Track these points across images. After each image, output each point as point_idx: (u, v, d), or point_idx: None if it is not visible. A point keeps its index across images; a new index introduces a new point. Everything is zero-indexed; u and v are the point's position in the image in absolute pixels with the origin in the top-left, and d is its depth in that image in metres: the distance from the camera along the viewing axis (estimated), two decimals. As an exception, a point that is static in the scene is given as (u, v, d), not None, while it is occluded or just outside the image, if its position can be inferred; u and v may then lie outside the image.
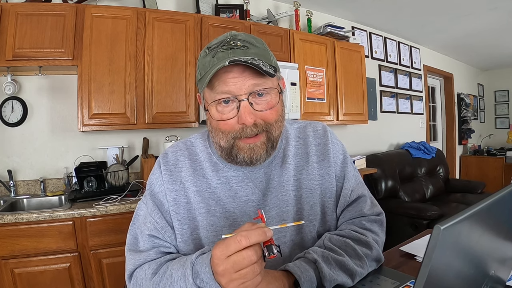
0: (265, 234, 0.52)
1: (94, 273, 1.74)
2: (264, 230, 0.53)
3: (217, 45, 0.69)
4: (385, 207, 0.91)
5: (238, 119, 0.67)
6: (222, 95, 0.66)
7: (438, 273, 0.37)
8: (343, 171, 0.82)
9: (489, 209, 0.44)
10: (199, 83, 0.72)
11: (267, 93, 0.68)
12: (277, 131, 0.72)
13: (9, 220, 1.57)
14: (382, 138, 4.07)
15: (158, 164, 0.79)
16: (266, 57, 0.69)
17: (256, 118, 0.67)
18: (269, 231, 0.53)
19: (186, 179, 0.76)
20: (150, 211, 0.75)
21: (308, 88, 2.81)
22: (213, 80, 0.67)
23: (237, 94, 0.66)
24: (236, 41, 0.68)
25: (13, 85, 2.02)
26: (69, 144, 2.22)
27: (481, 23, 3.76)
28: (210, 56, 0.68)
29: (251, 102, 0.67)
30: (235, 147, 0.70)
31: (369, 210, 0.81)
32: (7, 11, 1.84)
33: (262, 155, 0.71)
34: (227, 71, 0.66)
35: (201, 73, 0.70)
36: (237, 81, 0.66)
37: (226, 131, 0.69)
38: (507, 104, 6.10)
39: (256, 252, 0.52)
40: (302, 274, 0.62)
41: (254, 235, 0.52)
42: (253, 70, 0.66)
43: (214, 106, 0.68)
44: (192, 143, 0.81)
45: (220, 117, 0.68)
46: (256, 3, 2.93)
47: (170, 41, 2.21)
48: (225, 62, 0.63)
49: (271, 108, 0.69)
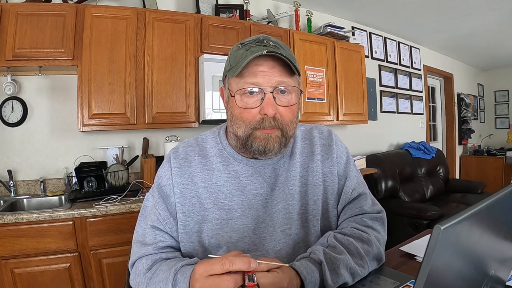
0: (249, 263, 0.55)
1: (94, 273, 1.74)
2: (249, 260, 0.56)
3: (251, 41, 0.75)
4: (385, 207, 0.91)
5: (260, 110, 0.72)
6: (250, 85, 0.72)
7: (438, 273, 0.37)
8: (346, 171, 0.86)
9: (489, 209, 0.44)
10: (228, 72, 0.76)
11: (289, 92, 0.74)
12: (291, 131, 0.76)
13: (9, 220, 1.57)
14: (382, 138, 4.07)
15: (168, 158, 0.83)
16: (293, 59, 0.74)
17: (276, 112, 0.72)
18: (254, 262, 0.56)
19: (195, 174, 0.79)
20: (155, 203, 0.79)
21: (308, 88, 2.81)
22: (244, 71, 0.72)
23: (263, 86, 0.71)
24: (269, 41, 0.74)
25: (13, 85, 2.02)
26: (69, 144, 2.22)
27: (481, 23, 3.76)
28: (244, 49, 0.73)
29: (274, 96, 0.72)
30: (252, 136, 0.74)
31: (370, 208, 0.84)
32: (7, 11, 1.84)
33: (275, 147, 0.74)
34: (258, 64, 0.72)
35: (231, 64, 0.75)
36: (265, 74, 0.71)
37: (247, 120, 0.73)
38: (507, 104, 6.09)
39: (235, 280, 0.55)
40: (308, 275, 0.64)
41: (238, 262, 0.55)
42: (281, 68, 0.72)
43: (240, 95, 0.73)
44: (203, 140, 0.85)
45: (244, 105, 0.73)
46: (256, 3, 2.93)
47: (170, 41, 2.21)
48: (263, 51, 0.69)
49: (291, 105, 0.74)
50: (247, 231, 0.77)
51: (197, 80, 2.28)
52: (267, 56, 0.71)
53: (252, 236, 0.77)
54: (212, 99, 2.20)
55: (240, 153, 0.80)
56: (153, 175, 2.17)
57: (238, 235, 0.76)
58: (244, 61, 0.70)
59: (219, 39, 2.38)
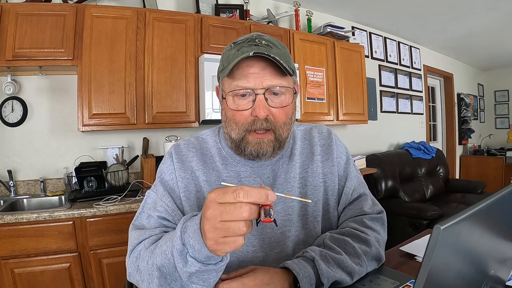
0: (266, 196, 0.47)
1: (94, 273, 1.74)
2: (267, 192, 0.48)
3: (243, 41, 0.73)
4: (385, 207, 0.91)
5: (252, 112, 0.71)
6: (241, 87, 0.70)
7: (438, 273, 0.37)
8: (346, 171, 0.86)
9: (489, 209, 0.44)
10: (221, 73, 0.75)
11: (282, 93, 0.72)
12: (285, 133, 0.75)
13: (9, 220, 1.57)
14: (382, 138, 4.07)
15: (169, 154, 0.82)
16: (286, 59, 0.72)
17: (269, 113, 0.71)
18: (272, 195, 0.48)
19: (197, 169, 0.79)
20: (161, 196, 0.77)
21: (308, 88, 2.81)
22: (235, 72, 0.71)
23: (255, 88, 0.70)
24: (261, 39, 0.72)
25: (13, 85, 2.02)
26: (69, 144, 2.22)
27: (481, 23, 3.76)
28: (235, 49, 0.72)
29: (266, 98, 0.71)
30: (244, 140, 0.73)
31: (370, 208, 0.83)
32: (7, 11, 1.84)
33: (268, 151, 0.74)
34: (249, 65, 0.70)
35: (223, 64, 0.74)
36: (257, 76, 0.70)
37: (240, 122, 0.72)
38: (507, 104, 6.09)
39: (251, 210, 0.47)
40: (300, 270, 0.64)
41: (254, 193, 0.47)
42: (272, 69, 0.71)
43: (232, 97, 0.72)
44: (204, 139, 0.85)
45: (236, 107, 0.72)
46: (256, 3, 2.93)
47: (170, 41, 2.21)
48: (250, 53, 0.67)
49: (284, 106, 0.73)
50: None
51: (197, 80, 2.28)
52: (258, 57, 0.69)
53: (250, 237, 0.76)
54: (212, 99, 2.20)
55: (237, 154, 0.80)
56: (153, 175, 2.17)
57: None
58: (232, 62, 0.69)
59: (219, 39, 2.38)
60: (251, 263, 0.74)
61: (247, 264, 0.73)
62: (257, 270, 0.65)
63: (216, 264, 0.54)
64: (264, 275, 0.63)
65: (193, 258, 0.53)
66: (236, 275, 0.64)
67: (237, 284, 0.61)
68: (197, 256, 0.52)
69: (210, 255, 0.51)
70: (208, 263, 0.53)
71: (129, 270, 0.68)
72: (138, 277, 0.65)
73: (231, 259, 0.74)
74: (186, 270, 0.54)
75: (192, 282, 0.56)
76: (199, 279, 0.56)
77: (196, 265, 0.53)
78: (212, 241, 0.49)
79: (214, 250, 0.50)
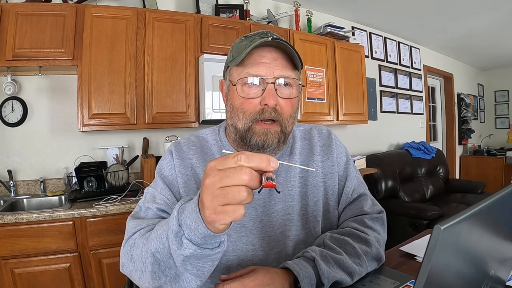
0: (268, 162, 0.44)
1: (94, 273, 1.74)
2: (269, 157, 0.45)
3: (255, 34, 0.74)
4: (385, 207, 0.92)
5: (261, 100, 0.71)
6: (253, 75, 0.71)
7: (438, 273, 0.37)
8: (346, 171, 0.86)
9: (489, 209, 0.44)
10: (230, 63, 0.76)
11: (290, 86, 0.74)
12: (289, 127, 0.76)
13: (9, 220, 1.57)
14: (382, 138, 4.07)
15: (169, 151, 0.82)
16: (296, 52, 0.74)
17: (277, 103, 0.72)
18: (275, 161, 0.45)
19: (197, 166, 0.79)
20: (161, 189, 0.77)
21: (308, 88, 2.81)
22: (246, 61, 0.72)
23: (266, 77, 0.71)
24: (272, 34, 0.73)
25: (13, 85, 2.02)
26: (69, 144, 2.22)
27: (481, 23, 3.76)
28: (247, 41, 0.73)
29: (276, 88, 0.71)
30: (251, 130, 0.73)
31: (370, 208, 0.84)
32: (7, 11, 1.84)
33: (274, 142, 0.73)
34: (261, 55, 0.71)
35: (233, 55, 0.75)
36: (268, 66, 0.71)
37: (248, 111, 0.72)
38: (507, 104, 6.09)
39: (252, 174, 0.44)
40: (301, 271, 0.64)
41: (256, 157, 0.44)
42: (283, 61, 0.72)
43: (241, 85, 0.72)
44: (204, 137, 0.85)
45: (245, 95, 0.72)
46: (256, 3, 2.93)
47: (170, 41, 2.21)
48: (268, 38, 0.69)
49: (292, 98, 0.74)
50: (245, 230, 0.76)
51: (197, 80, 2.28)
52: (271, 48, 0.71)
53: (250, 236, 0.76)
54: (212, 99, 2.20)
55: (240, 149, 0.79)
56: (153, 175, 2.16)
57: (236, 234, 0.76)
58: (246, 50, 0.70)
59: (219, 39, 2.38)
60: (251, 263, 0.74)
61: (247, 264, 0.73)
62: (258, 271, 0.65)
63: (213, 250, 0.52)
64: (265, 276, 0.63)
65: (188, 240, 0.50)
66: (236, 276, 0.64)
67: (237, 285, 0.61)
68: (193, 237, 0.50)
69: (207, 233, 0.48)
70: (204, 247, 0.51)
71: (123, 260, 0.66)
72: (131, 267, 0.62)
73: (231, 258, 0.74)
74: (180, 252, 0.51)
75: (186, 270, 0.54)
76: (193, 267, 0.53)
77: (191, 248, 0.50)
78: (211, 210, 0.46)
79: (213, 221, 0.46)
